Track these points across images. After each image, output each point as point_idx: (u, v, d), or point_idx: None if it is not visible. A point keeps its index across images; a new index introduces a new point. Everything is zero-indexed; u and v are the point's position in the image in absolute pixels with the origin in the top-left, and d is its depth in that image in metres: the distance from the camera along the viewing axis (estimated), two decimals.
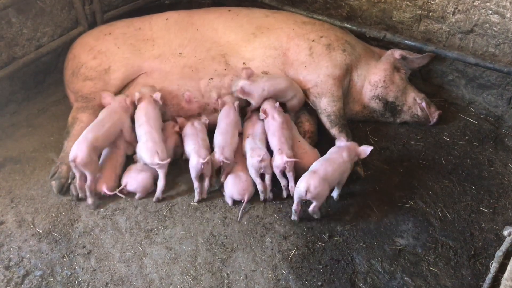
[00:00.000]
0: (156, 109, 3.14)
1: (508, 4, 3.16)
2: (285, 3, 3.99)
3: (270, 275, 2.56)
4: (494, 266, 2.20)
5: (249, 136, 3.12)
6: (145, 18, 3.66)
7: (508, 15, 3.19)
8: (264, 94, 3.23)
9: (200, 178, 2.94)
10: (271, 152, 3.02)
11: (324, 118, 3.37)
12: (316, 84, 3.38)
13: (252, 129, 3.16)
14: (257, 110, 3.27)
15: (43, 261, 2.61)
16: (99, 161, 2.98)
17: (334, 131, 3.32)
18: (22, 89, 3.67)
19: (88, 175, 2.81)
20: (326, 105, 3.36)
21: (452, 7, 3.42)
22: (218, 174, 3.04)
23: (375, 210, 2.94)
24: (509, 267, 2.01)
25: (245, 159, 3.02)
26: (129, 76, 3.36)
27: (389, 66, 3.53)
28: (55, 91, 3.80)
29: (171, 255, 2.66)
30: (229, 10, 3.72)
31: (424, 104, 3.52)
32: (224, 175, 3.00)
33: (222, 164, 2.96)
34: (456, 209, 2.97)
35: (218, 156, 2.95)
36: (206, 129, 3.21)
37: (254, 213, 2.91)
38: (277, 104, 3.19)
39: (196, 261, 2.63)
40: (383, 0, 3.68)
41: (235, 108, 3.21)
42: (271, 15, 3.67)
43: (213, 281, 2.53)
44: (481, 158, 3.33)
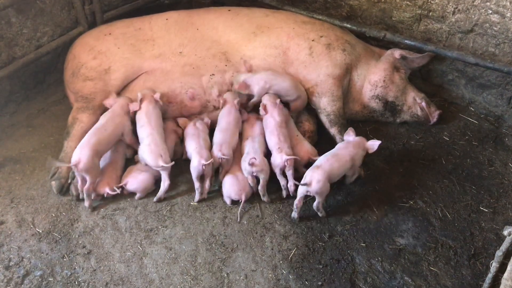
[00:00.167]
0: (157, 109, 3.13)
1: (508, 3, 3.16)
2: (285, 2, 3.99)
3: (270, 275, 2.56)
4: (494, 265, 2.20)
5: (248, 138, 3.12)
6: (145, 18, 3.66)
7: (508, 14, 3.19)
8: (266, 86, 3.22)
9: (200, 178, 2.94)
10: (271, 153, 3.02)
11: (323, 118, 3.38)
12: (316, 83, 3.38)
13: (251, 131, 3.16)
14: (256, 111, 3.26)
15: (43, 261, 2.61)
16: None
17: (333, 130, 3.33)
18: (22, 89, 3.66)
19: (88, 179, 2.81)
20: (325, 104, 3.36)
21: (452, 6, 3.41)
22: (217, 173, 3.04)
23: (375, 210, 2.94)
24: (509, 267, 2.01)
25: None
26: (129, 76, 3.36)
27: (389, 65, 3.53)
28: (55, 91, 3.80)
29: (171, 255, 2.66)
30: (229, 10, 3.72)
31: (424, 104, 3.52)
32: (223, 173, 3.00)
33: (220, 161, 2.96)
34: (456, 209, 2.96)
35: (216, 152, 2.95)
36: (208, 129, 3.21)
37: (254, 213, 2.91)
38: (278, 101, 3.18)
39: (196, 261, 2.63)
40: (383, 0, 3.68)
41: (236, 106, 3.21)
42: (271, 14, 3.67)
43: (213, 281, 2.53)
44: (481, 157, 3.33)
